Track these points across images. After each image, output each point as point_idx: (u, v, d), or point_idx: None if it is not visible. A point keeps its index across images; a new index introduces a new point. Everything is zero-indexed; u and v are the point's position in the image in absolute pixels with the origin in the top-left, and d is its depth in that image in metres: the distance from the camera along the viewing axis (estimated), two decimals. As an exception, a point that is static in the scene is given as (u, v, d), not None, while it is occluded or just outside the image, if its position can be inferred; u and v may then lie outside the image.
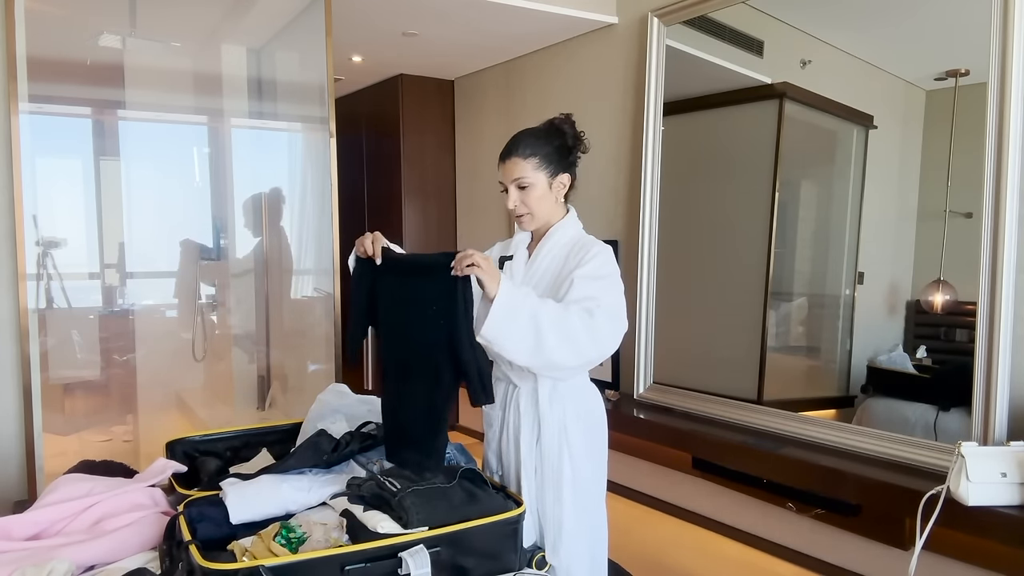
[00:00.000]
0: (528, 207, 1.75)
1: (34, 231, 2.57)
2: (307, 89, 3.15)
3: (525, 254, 1.83)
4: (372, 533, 1.36)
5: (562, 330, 1.54)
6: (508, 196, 1.76)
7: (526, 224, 1.79)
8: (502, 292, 1.50)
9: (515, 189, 1.74)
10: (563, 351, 1.55)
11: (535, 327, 1.52)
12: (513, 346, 1.53)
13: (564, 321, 1.54)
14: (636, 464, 3.36)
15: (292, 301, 3.57)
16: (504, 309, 1.50)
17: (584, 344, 1.57)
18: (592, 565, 1.78)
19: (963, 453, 1.93)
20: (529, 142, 1.74)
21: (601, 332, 1.58)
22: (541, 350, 1.53)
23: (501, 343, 1.52)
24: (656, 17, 3.22)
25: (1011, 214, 2.14)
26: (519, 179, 1.73)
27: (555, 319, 1.54)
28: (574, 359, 1.58)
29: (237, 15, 3.30)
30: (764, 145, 2.95)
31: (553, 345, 1.53)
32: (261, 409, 3.62)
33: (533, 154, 1.73)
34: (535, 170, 1.73)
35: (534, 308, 1.52)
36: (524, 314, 1.51)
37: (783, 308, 3.03)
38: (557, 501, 1.72)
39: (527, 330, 1.52)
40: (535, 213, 1.76)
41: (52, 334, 3.20)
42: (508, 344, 1.52)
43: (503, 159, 1.75)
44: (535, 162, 1.73)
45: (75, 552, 1.43)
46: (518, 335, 1.52)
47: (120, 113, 3.48)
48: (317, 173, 3.16)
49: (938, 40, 2.55)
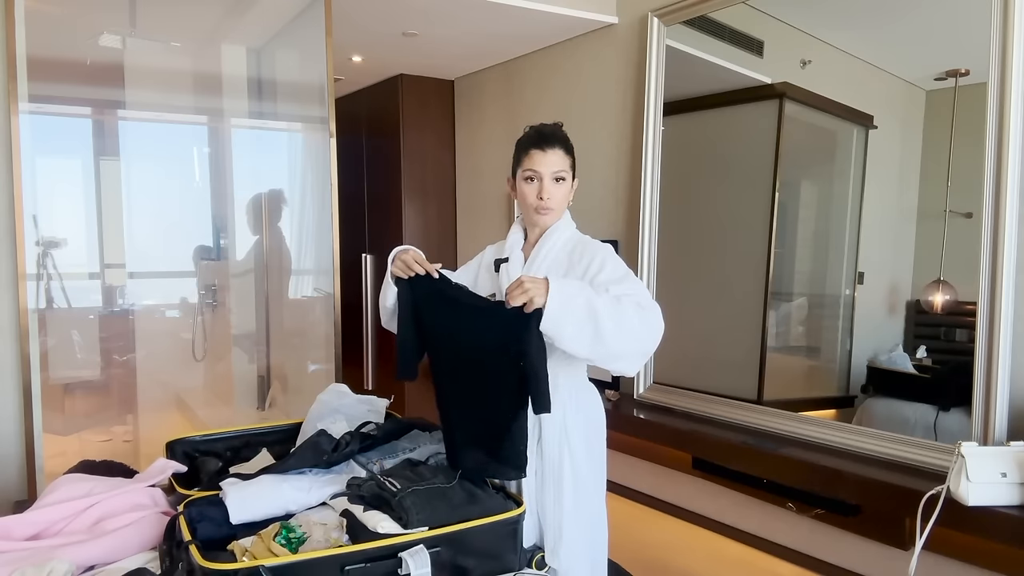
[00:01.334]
0: (555, 199, 1.74)
1: (34, 231, 2.57)
2: (307, 89, 3.15)
3: (521, 256, 1.82)
4: (372, 533, 1.36)
5: (620, 320, 1.53)
6: (538, 187, 1.73)
7: (546, 219, 1.77)
8: (553, 287, 1.49)
9: (551, 181, 1.72)
10: (623, 341, 1.54)
11: (593, 317, 1.51)
12: (573, 336, 1.51)
13: (621, 312, 1.54)
14: (636, 464, 3.35)
15: (292, 301, 3.57)
16: (560, 301, 1.49)
17: (642, 334, 1.57)
18: (592, 566, 1.78)
19: (963, 453, 1.93)
20: (566, 140, 1.75)
21: (653, 323, 1.59)
22: (601, 340, 1.52)
23: (559, 334, 1.50)
24: (656, 17, 3.22)
25: (1011, 214, 2.14)
26: (559, 172, 1.72)
27: (612, 309, 1.53)
28: (635, 347, 1.58)
29: (237, 15, 3.30)
30: (764, 145, 2.95)
31: (612, 334, 1.52)
32: (261, 409, 3.62)
33: (571, 152, 1.76)
34: (570, 168, 1.76)
35: (589, 299, 1.52)
36: (580, 304, 1.51)
37: (783, 308, 3.03)
38: (557, 502, 1.72)
39: (585, 321, 1.51)
40: (557, 209, 1.76)
41: (52, 334, 3.20)
42: (567, 334, 1.51)
43: (543, 147, 1.72)
44: (571, 161, 1.76)
45: (75, 552, 1.43)
46: (576, 325, 1.51)
47: (120, 113, 3.49)
48: (317, 173, 3.16)
49: (938, 40, 2.55)
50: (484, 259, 1.92)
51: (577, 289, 1.53)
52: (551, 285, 1.50)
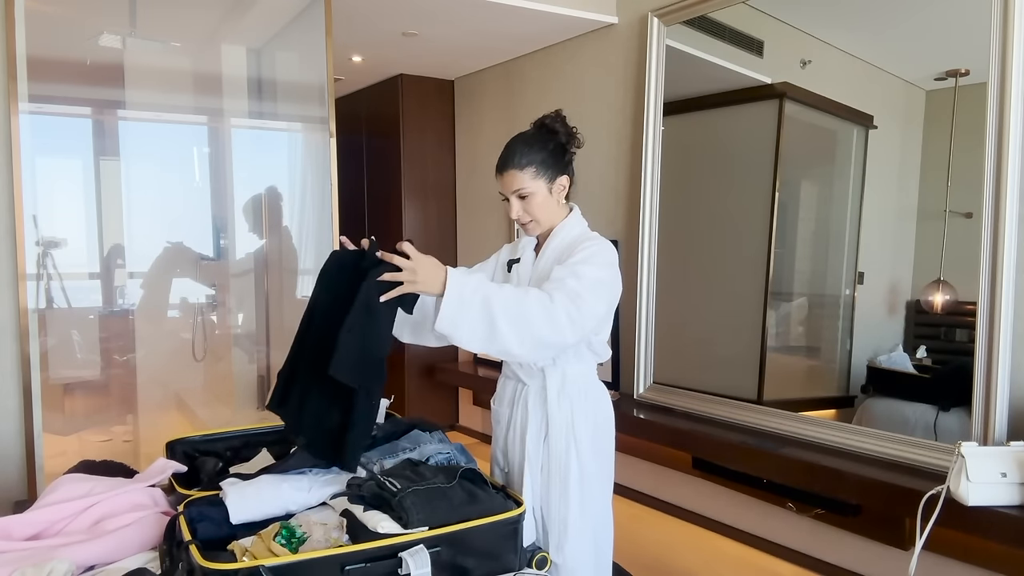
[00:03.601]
0: (532, 215, 1.74)
1: (34, 231, 2.57)
2: (307, 89, 3.15)
3: (532, 256, 1.83)
4: (372, 533, 1.36)
5: (517, 315, 1.51)
6: (510, 206, 1.74)
7: (532, 231, 1.78)
8: (451, 283, 1.49)
9: (516, 199, 1.73)
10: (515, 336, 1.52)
11: (488, 314, 1.50)
12: (467, 335, 1.51)
13: (519, 306, 1.52)
14: (636, 464, 3.36)
15: (292, 301, 3.57)
16: (455, 300, 1.49)
17: (540, 328, 1.54)
18: (597, 563, 1.78)
19: (963, 453, 1.93)
20: (523, 150, 1.71)
21: (558, 315, 1.54)
22: (495, 337, 1.51)
23: (455, 334, 1.51)
24: (656, 17, 3.22)
25: (1011, 214, 2.14)
26: (519, 190, 1.71)
27: (509, 304, 1.52)
28: (529, 343, 1.55)
29: (237, 15, 3.30)
30: (764, 145, 2.95)
31: (506, 331, 1.51)
32: (261, 409, 3.62)
33: (529, 163, 1.70)
34: (533, 178, 1.71)
35: (487, 295, 1.51)
36: (476, 302, 1.50)
37: (783, 308, 3.03)
38: (563, 499, 1.72)
39: (480, 319, 1.50)
40: (539, 220, 1.75)
41: (52, 334, 3.20)
42: (462, 334, 1.51)
43: (500, 171, 1.73)
44: (532, 171, 1.71)
45: (75, 552, 1.43)
46: (471, 324, 1.50)
47: (120, 113, 3.48)
48: (317, 173, 3.16)
49: (938, 40, 2.55)
50: (500, 258, 1.93)
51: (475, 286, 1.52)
52: (450, 276, 1.49)
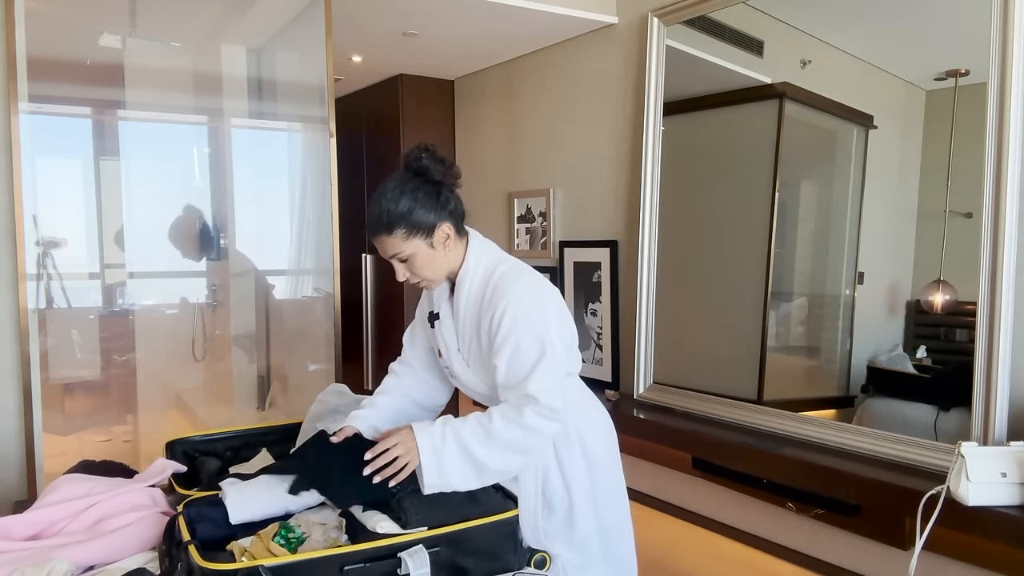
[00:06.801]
0: (419, 275, 1.63)
1: (34, 231, 2.57)
2: (307, 89, 3.15)
3: (448, 309, 1.73)
4: (371, 533, 1.36)
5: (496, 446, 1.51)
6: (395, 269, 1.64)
7: (429, 288, 1.71)
8: (422, 449, 1.48)
9: (398, 263, 1.62)
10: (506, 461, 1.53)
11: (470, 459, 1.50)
12: (461, 483, 1.51)
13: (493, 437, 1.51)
14: (636, 464, 3.35)
15: (292, 301, 3.57)
16: (433, 463, 1.48)
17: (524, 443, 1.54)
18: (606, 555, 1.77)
19: (963, 453, 1.92)
20: (389, 208, 1.56)
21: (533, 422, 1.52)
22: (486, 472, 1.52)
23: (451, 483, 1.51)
24: (656, 17, 3.22)
25: (1011, 214, 2.14)
26: (396, 255, 1.60)
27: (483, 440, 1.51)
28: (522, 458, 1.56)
29: (237, 15, 3.30)
30: (764, 145, 2.95)
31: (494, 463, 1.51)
32: (261, 409, 3.62)
33: (396, 223, 1.56)
34: (406, 239, 1.58)
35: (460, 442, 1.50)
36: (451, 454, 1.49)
37: (783, 308, 3.03)
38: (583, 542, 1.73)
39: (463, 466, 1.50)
40: (430, 277, 1.65)
41: (52, 334, 3.20)
42: (456, 484, 1.51)
43: (370, 235, 1.62)
44: (402, 232, 1.57)
45: (75, 552, 1.43)
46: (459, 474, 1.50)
47: (120, 113, 3.49)
48: (317, 173, 3.16)
49: (938, 40, 2.54)
50: (421, 311, 1.85)
51: (441, 441, 1.50)
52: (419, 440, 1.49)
